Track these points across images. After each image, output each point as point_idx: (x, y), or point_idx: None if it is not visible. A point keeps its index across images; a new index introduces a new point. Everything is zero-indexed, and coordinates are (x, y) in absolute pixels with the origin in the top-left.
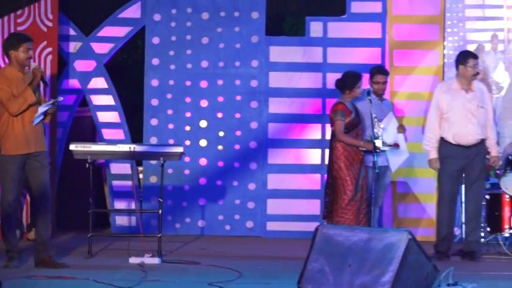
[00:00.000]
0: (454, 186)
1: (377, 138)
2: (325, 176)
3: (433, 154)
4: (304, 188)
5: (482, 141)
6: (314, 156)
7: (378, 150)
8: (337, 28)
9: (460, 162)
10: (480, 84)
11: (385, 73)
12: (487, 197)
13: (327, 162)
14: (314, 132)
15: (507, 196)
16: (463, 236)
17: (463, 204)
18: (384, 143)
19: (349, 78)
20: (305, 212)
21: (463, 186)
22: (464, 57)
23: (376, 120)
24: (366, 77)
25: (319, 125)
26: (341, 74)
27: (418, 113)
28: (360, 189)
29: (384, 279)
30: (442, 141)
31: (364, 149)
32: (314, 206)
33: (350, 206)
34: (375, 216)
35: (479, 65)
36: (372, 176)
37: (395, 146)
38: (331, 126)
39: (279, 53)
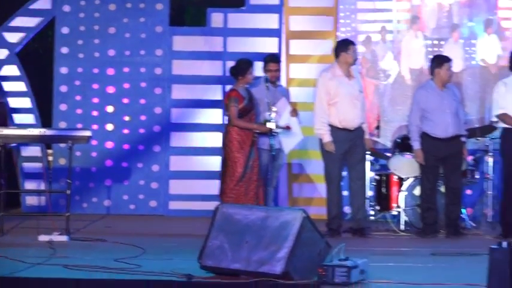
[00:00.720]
0: (340, 168)
1: (270, 121)
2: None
3: (328, 137)
4: (205, 169)
5: (361, 125)
6: (214, 139)
7: (272, 133)
8: (237, 19)
9: (345, 145)
10: (356, 71)
11: (277, 61)
12: (376, 177)
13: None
14: (214, 116)
15: (395, 177)
16: None
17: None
18: (277, 126)
19: (241, 65)
20: (205, 191)
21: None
22: (345, 44)
23: (270, 105)
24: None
25: (219, 110)
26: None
27: (313, 99)
28: (249, 170)
29: (279, 255)
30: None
31: (258, 131)
32: (214, 186)
33: (238, 186)
34: (271, 196)
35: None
36: (267, 158)
37: (287, 128)
38: (226, 111)
39: (182, 42)
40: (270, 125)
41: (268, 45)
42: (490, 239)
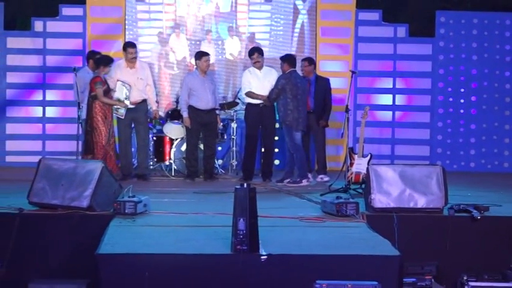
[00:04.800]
0: (127, 130)
1: (126, 98)
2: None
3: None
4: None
5: (144, 101)
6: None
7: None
8: (53, 25)
9: (129, 115)
10: (143, 63)
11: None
12: (155, 138)
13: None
14: (39, 94)
15: (168, 138)
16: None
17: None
18: (130, 102)
19: (106, 59)
20: (34, 148)
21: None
22: (125, 46)
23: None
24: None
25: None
26: (62, 56)
27: None
28: (112, 136)
29: (85, 193)
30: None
31: (118, 107)
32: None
33: (104, 149)
34: None
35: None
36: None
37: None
38: (92, 92)
39: (14, 42)
40: (127, 102)
41: (77, 44)
42: (234, 181)
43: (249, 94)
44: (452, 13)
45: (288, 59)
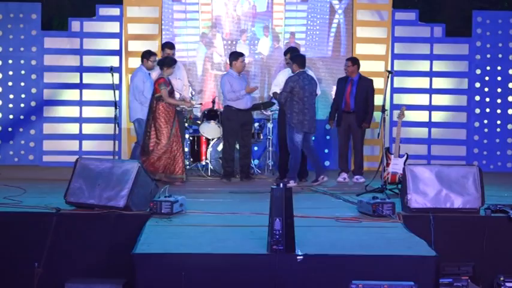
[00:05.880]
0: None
1: (192, 98)
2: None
3: None
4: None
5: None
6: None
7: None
8: (90, 25)
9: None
10: (178, 63)
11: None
12: (190, 138)
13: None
14: (75, 94)
15: (204, 138)
16: None
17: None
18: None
19: (169, 61)
20: (70, 148)
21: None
22: (164, 47)
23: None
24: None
25: (78, 91)
26: (99, 57)
27: None
28: (172, 136)
29: (122, 193)
30: None
31: (183, 106)
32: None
33: (165, 147)
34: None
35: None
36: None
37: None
38: (157, 92)
39: (51, 41)
40: (193, 102)
41: (113, 44)
42: (270, 181)
43: (274, 95)
44: (489, 13)
45: (298, 59)
